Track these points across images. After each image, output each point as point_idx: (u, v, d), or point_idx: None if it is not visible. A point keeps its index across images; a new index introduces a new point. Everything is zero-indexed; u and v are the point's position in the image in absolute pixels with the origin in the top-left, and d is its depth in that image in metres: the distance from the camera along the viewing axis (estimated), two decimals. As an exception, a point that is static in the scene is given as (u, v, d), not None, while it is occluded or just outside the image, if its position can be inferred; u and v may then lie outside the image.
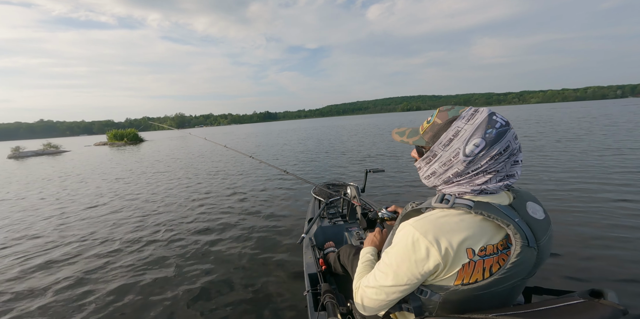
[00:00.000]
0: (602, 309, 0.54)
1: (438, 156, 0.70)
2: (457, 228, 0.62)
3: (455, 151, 0.65)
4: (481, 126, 0.63)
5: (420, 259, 0.63)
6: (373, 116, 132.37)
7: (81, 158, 14.34)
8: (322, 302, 1.06)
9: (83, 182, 6.92)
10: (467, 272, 0.63)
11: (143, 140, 29.28)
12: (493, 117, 0.63)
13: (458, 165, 0.66)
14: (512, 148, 0.63)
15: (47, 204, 4.95)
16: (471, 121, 0.64)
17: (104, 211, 4.28)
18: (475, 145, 0.62)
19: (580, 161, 5.24)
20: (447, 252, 0.61)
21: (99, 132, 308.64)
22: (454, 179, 0.69)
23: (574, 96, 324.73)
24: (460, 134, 0.65)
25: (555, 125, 13.30)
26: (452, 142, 0.66)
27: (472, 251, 0.61)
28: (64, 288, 2.26)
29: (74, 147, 27.66)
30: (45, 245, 3.11)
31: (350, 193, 2.05)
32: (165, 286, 2.19)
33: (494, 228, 0.63)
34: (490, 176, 0.65)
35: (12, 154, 18.40)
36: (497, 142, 0.62)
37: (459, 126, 0.66)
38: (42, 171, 10.05)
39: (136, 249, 2.88)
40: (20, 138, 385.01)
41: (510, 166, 0.66)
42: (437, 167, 0.71)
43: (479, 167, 0.64)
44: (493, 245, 0.63)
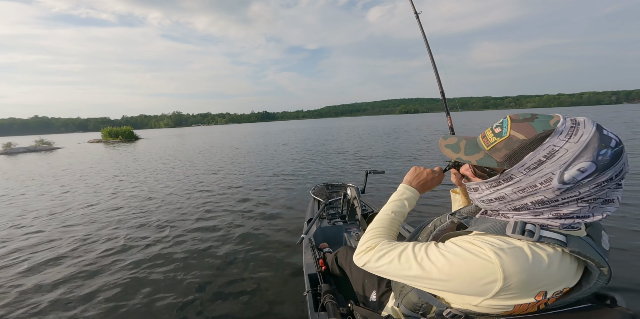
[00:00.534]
0: (612, 314, 0.51)
1: (515, 180, 0.53)
2: (546, 272, 0.49)
3: (547, 176, 0.49)
4: (591, 145, 0.46)
5: (472, 284, 0.52)
6: (371, 118, 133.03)
7: (74, 155, 14.04)
8: (322, 302, 1.05)
9: (81, 180, 6.70)
10: (524, 308, 0.54)
11: (138, 138, 28.98)
12: (604, 132, 0.47)
13: (546, 193, 0.50)
14: (624, 171, 0.48)
15: (44, 201, 4.79)
16: (574, 138, 0.47)
17: (101, 209, 4.19)
18: (581, 170, 0.46)
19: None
20: (514, 293, 0.50)
21: (94, 129, 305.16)
22: (531, 206, 0.53)
23: (570, 101, 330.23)
24: (558, 156, 0.48)
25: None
26: (543, 164, 0.49)
27: (544, 293, 0.51)
28: (67, 285, 2.23)
29: (67, 144, 27.23)
30: (42, 243, 3.00)
31: (350, 194, 2.02)
32: (163, 285, 2.18)
33: (576, 267, 0.52)
34: (585, 205, 0.50)
35: (3, 150, 18.01)
36: (612, 166, 0.46)
37: (556, 144, 0.48)
38: (36, 168, 9.78)
39: (133, 249, 2.82)
40: (14, 134, 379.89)
41: (612, 191, 0.50)
42: (510, 192, 0.54)
43: (575, 195, 0.49)
44: (570, 288, 0.53)
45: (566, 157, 0.47)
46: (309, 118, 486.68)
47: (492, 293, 0.51)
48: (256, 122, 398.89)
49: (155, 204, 4.35)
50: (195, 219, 3.62)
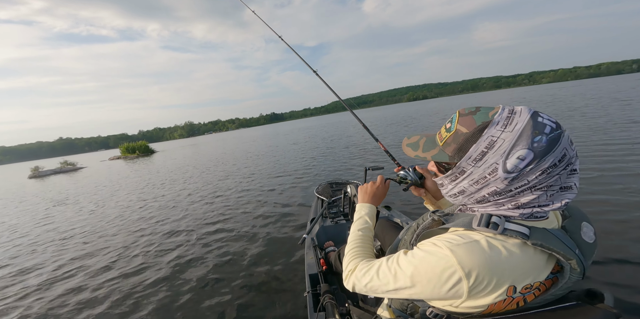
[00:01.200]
0: (595, 312, 0.50)
1: (467, 173, 0.55)
2: (508, 264, 0.49)
3: (492, 166, 0.50)
4: (524, 132, 0.47)
5: (440, 287, 0.53)
6: (379, 108, 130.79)
7: (97, 173, 14.79)
8: (322, 302, 1.05)
9: (110, 196, 7.06)
10: (500, 306, 0.54)
11: (154, 151, 29.99)
12: (539, 119, 0.48)
13: (496, 183, 0.51)
14: (570, 156, 0.48)
15: (80, 219, 5.08)
16: (509, 127, 0.48)
17: (134, 219, 4.40)
18: (520, 158, 0.47)
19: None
20: (483, 290, 0.50)
21: (114, 146, 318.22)
22: (490, 198, 0.54)
23: (587, 73, 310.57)
24: (497, 145, 0.49)
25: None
26: (486, 155, 0.51)
27: (513, 288, 0.50)
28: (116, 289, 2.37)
29: (90, 163, 28.66)
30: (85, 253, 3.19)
31: (350, 191, 2.03)
32: (165, 284, 2.20)
33: (545, 260, 0.52)
34: (540, 193, 0.50)
35: (32, 174, 19.27)
36: (550, 152, 0.46)
37: (493, 134, 0.50)
38: (66, 188, 10.39)
39: (140, 250, 2.99)
40: (43, 157, 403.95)
41: (566, 177, 0.49)
42: (467, 186, 0.56)
43: (526, 184, 0.49)
44: (541, 282, 0.53)
45: (504, 147, 0.48)
46: (317, 115, 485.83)
47: (465, 293, 0.51)
48: (265, 124, 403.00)
49: (162, 211, 4.45)
50: (194, 218, 3.76)
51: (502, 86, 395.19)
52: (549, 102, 16.39)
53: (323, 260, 1.55)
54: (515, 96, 31.30)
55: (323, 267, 1.48)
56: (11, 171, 43.48)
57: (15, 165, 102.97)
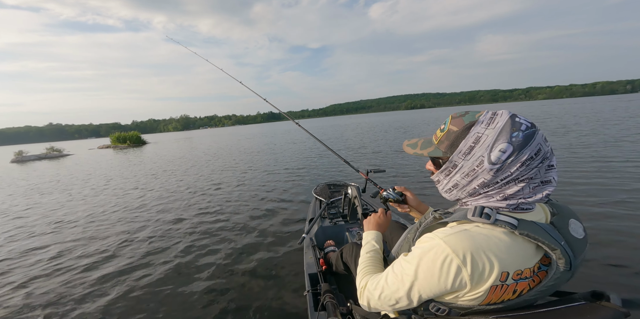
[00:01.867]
0: (604, 311, 0.52)
1: (459, 166, 0.62)
2: (496, 249, 0.55)
3: (479, 159, 0.58)
4: (504, 129, 0.56)
5: (446, 279, 0.57)
6: (377, 115, 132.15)
7: (83, 162, 14.30)
8: (322, 302, 1.05)
9: (88, 187, 6.71)
10: (497, 294, 0.58)
11: (146, 142, 29.41)
12: (516, 119, 0.57)
13: (484, 174, 0.58)
14: (545, 151, 0.55)
15: (58, 205, 4.76)
16: (492, 125, 0.58)
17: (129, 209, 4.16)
18: (502, 151, 0.55)
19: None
20: (480, 274, 0.55)
21: (106, 134, 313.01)
22: (480, 190, 0.61)
23: (582, 92, 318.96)
24: (482, 140, 0.58)
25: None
26: (474, 149, 0.59)
27: (507, 274, 0.55)
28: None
29: (78, 150, 27.87)
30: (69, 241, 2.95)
31: (351, 193, 2.03)
32: (165, 284, 2.20)
33: (533, 250, 0.58)
34: (523, 184, 0.57)
35: (15, 159, 18.54)
36: (527, 146, 0.54)
37: (478, 131, 0.59)
38: (49, 174, 9.94)
39: (138, 246, 2.91)
40: (31, 141, 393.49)
41: (544, 171, 0.57)
42: (460, 179, 0.63)
43: (509, 175, 0.57)
44: (530, 269, 0.57)
45: (488, 141, 0.57)
46: (315, 117, 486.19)
47: (467, 283, 0.56)
48: (262, 122, 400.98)
49: (157, 207, 4.29)
50: (193, 219, 3.67)
51: (498, 100, 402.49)
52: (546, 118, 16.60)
53: (322, 260, 1.55)
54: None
55: (322, 267, 1.48)
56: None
57: (0, 148, 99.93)
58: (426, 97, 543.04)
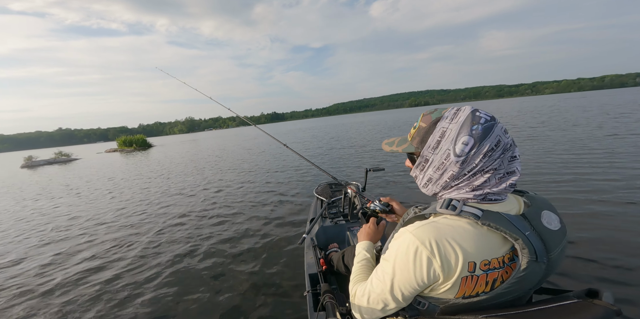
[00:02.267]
0: (596, 309, 0.52)
1: (430, 161, 0.67)
2: (461, 239, 0.57)
3: (446, 152, 0.62)
4: (466, 123, 0.60)
5: (420, 270, 0.59)
6: (381, 113, 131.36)
7: (92, 165, 14.59)
8: (322, 302, 1.04)
9: (95, 191, 6.84)
10: (469, 286, 0.59)
11: (151, 145, 29.77)
12: (476, 113, 0.61)
13: (452, 167, 0.62)
14: (505, 143, 0.59)
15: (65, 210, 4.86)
16: (455, 120, 0.62)
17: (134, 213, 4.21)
18: (464, 143, 0.59)
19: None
20: (449, 264, 0.57)
21: (113, 138, 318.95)
22: (451, 183, 0.65)
23: (591, 85, 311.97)
24: (447, 134, 0.62)
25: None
26: (441, 143, 0.63)
27: (473, 264, 0.57)
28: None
29: (86, 154, 28.42)
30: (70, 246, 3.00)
31: (350, 192, 2.03)
32: (164, 283, 2.19)
33: (500, 240, 0.59)
34: (489, 175, 0.60)
35: (25, 164, 18.99)
36: (486, 137, 0.58)
37: (443, 126, 0.63)
38: (58, 179, 10.16)
39: (139, 246, 2.96)
40: (41, 146, 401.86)
41: (508, 162, 0.61)
42: (432, 173, 0.67)
43: (474, 167, 0.60)
44: (498, 259, 0.58)
45: (452, 135, 0.61)
46: (318, 116, 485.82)
47: (440, 274, 0.58)
48: (266, 123, 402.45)
49: (162, 205, 4.34)
50: (194, 218, 3.70)
51: (504, 95, 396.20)
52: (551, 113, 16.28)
53: (323, 260, 1.55)
54: (514, 106, 31.20)
55: (323, 267, 1.48)
56: (7, 159, 43.08)
57: (12, 153, 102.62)
58: (430, 94, 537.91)
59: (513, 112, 20.66)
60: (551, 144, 6.34)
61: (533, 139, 7.28)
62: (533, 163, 4.78)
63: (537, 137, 7.61)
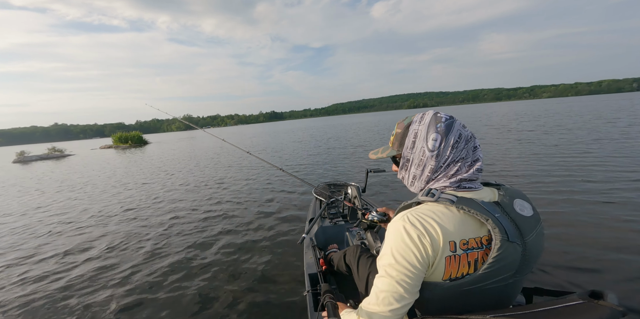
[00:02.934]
0: (601, 310, 0.53)
1: (411, 160, 0.78)
2: (440, 220, 0.65)
3: (422, 149, 0.74)
4: (431, 123, 0.73)
5: (415, 248, 0.64)
6: (379, 114, 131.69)
7: (82, 163, 14.32)
8: (322, 302, 1.05)
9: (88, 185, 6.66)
10: (453, 266, 0.64)
11: (147, 142, 29.45)
12: (438, 114, 0.75)
13: (429, 161, 0.73)
14: (465, 135, 0.72)
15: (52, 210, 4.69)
16: (422, 122, 0.75)
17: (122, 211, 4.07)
18: (434, 139, 0.72)
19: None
20: (435, 242, 0.63)
21: (109, 134, 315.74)
22: (432, 176, 0.75)
23: (588, 90, 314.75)
24: (419, 134, 0.75)
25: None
26: (416, 143, 0.75)
27: (454, 244, 0.63)
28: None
29: (80, 150, 28.04)
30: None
31: (351, 193, 2.02)
32: (164, 283, 2.18)
33: (476, 223, 0.66)
34: (460, 164, 0.71)
35: (17, 159, 18.65)
36: (450, 132, 0.71)
37: (414, 128, 0.76)
38: (48, 175, 9.92)
39: (135, 248, 2.88)
40: (37, 141, 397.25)
41: (472, 151, 0.72)
42: (415, 170, 0.78)
43: (447, 158, 0.71)
44: (475, 239, 0.65)
45: (422, 134, 0.74)
46: (317, 116, 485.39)
47: (430, 252, 0.63)
48: (264, 122, 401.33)
49: (160, 203, 4.22)
50: (194, 218, 3.67)
51: (502, 99, 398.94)
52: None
53: (322, 260, 1.54)
54: (512, 110, 31.29)
55: (322, 267, 1.47)
56: (4, 153, 42.39)
57: (6, 148, 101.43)
58: (429, 96, 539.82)
59: (511, 114, 20.67)
60: (539, 147, 6.30)
61: (523, 142, 7.24)
62: (524, 164, 4.73)
63: (523, 140, 7.57)
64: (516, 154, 6.04)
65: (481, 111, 36.78)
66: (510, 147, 7.01)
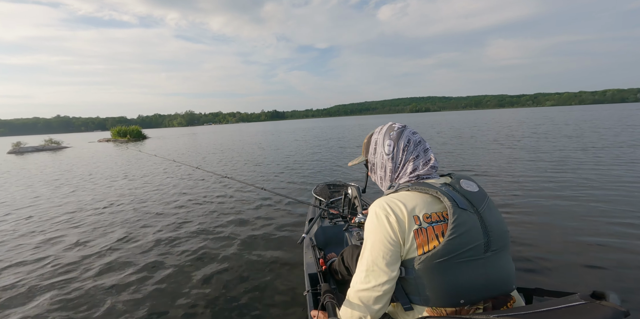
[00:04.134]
0: (603, 310, 0.53)
1: (375, 163, 0.95)
2: (402, 200, 0.75)
3: (380, 154, 0.91)
4: (386, 132, 0.91)
5: (385, 228, 0.73)
6: (381, 117, 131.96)
7: (76, 155, 14.17)
8: (322, 302, 1.06)
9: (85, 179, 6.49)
10: (422, 239, 0.71)
11: (146, 137, 29.29)
12: (392, 124, 0.93)
13: (388, 163, 0.89)
14: (414, 140, 0.88)
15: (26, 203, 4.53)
16: (380, 131, 0.94)
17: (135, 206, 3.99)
18: (388, 145, 0.89)
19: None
20: (399, 218, 0.72)
21: (111, 128, 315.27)
22: (393, 175, 0.90)
23: (592, 99, 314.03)
24: (378, 142, 0.93)
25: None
26: (377, 149, 0.93)
27: (417, 217, 0.72)
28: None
29: (78, 143, 27.88)
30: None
31: (351, 193, 2.04)
32: (164, 284, 2.16)
33: (433, 199, 0.75)
34: (413, 163, 0.86)
35: (13, 150, 18.48)
36: (400, 138, 0.88)
37: (375, 137, 0.95)
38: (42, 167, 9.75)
39: (137, 248, 2.82)
40: (39, 133, 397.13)
41: (423, 152, 0.87)
42: (380, 172, 0.94)
43: (401, 159, 0.87)
44: (436, 213, 0.73)
45: (380, 141, 0.92)
46: (318, 117, 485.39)
47: (397, 228, 0.72)
48: (266, 121, 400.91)
49: (157, 206, 4.09)
50: (194, 218, 3.60)
51: (505, 105, 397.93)
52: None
53: (322, 260, 1.54)
54: (514, 117, 31.10)
55: (322, 267, 1.47)
56: (3, 143, 42.34)
57: (6, 138, 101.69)
58: (432, 100, 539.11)
59: (511, 121, 20.45)
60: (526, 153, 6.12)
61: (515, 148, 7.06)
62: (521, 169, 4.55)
63: (516, 147, 7.39)
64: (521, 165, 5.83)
65: (481, 117, 36.54)
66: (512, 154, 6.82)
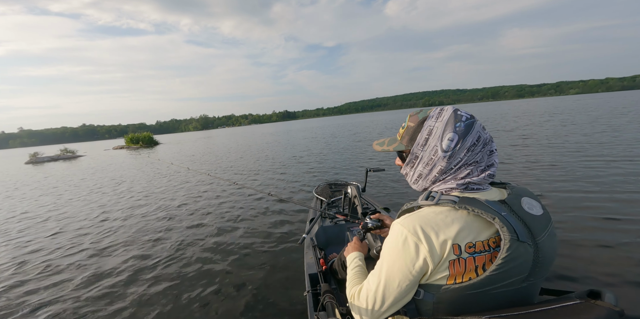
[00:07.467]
0: (598, 310, 0.52)
1: (420, 157, 0.71)
2: (442, 224, 0.60)
3: (434, 148, 0.67)
4: (450, 121, 0.66)
5: (410, 257, 0.61)
6: (393, 112, 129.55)
7: (87, 164, 14.39)
8: (322, 302, 1.05)
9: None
10: (458, 270, 0.60)
11: (158, 143, 29.89)
12: (458, 112, 0.67)
13: (440, 162, 0.67)
14: (484, 138, 0.66)
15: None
16: (440, 119, 0.67)
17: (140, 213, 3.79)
18: (450, 139, 0.65)
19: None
20: (433, 248, 0.59)
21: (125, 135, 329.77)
22: (440, 177, 0.69)
23: (620, 85, 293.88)
24: (434, 132, 0.67)
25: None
26: (429, 141, 0.68)
27: (458, 247, 0.59)
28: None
29: (93, 151, 28.82)
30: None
31: (351, 192, 1.99)
32: (164, 285, 2.16)
33: (482, 224, 0.61)
34: (472, 168, 0.66)
35: (30, 160, 19.20)
36: (468, 134, 0.64)
37: (430, 124, 0.69)
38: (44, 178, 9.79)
39: (143, 250, 2.84)
40: (66, 141, 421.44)
41: (487, 156, 0.67)
42: (422, 169, 0.72)
43: (460, 161, 0.66)
44: (482, 242, 0.60)
45: (439, 132, 0.67)
46: (329, 115, 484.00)
47: (429, 260, 0.60)
48: (277, 121, 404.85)
49: (158, 206, 3.89)
50: (193, 218, 3.66)
51: (525, 95, 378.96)
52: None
53: (323, 260, 1.52)
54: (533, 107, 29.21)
55: (323, 267, 1.46)
56: (25, 153, 44.86)
57: (37, 148, 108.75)
58: (445, 93, 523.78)
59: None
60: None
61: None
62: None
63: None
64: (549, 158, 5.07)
65: (502, 108, 34.72)
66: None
